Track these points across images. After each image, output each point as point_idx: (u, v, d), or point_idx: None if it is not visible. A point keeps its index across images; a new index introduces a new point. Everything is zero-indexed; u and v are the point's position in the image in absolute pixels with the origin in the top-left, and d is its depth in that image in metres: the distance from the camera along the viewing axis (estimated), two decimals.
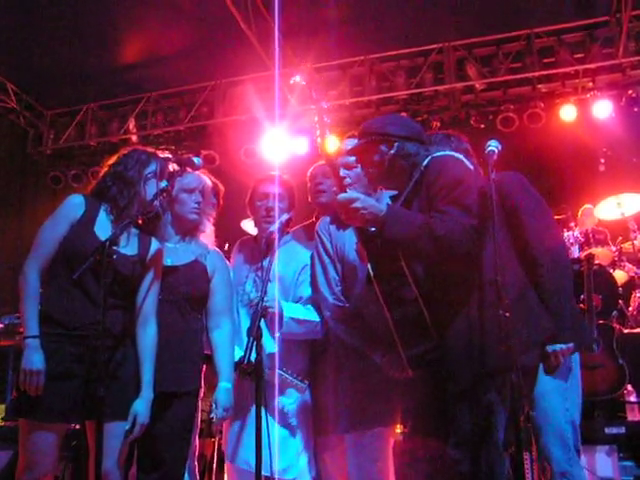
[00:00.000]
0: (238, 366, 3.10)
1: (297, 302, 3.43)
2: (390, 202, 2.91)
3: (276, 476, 3.17)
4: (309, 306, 3.40)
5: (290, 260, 3.48)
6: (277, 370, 3.26)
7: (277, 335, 3.27)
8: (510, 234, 2.83)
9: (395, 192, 2.93)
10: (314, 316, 3.36)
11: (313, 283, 3.41)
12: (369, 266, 2.73)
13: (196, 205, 3.24)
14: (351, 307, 3.24)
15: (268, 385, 3.16)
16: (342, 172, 3.25)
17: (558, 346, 2.71)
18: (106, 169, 3.03)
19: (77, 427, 3.12)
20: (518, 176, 3.00)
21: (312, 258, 3.44)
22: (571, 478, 2.74)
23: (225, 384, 3.08)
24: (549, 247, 2.80)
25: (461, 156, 2.82)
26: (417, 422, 2.81)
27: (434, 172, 2.67)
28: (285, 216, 3.41)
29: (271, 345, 3.30)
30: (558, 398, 2.79)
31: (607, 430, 4.31)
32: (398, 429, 3.68)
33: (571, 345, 2.72)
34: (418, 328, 2.59)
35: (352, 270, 3.25)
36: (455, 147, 3.05)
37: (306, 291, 3.43)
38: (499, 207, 2.85)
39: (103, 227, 2.84)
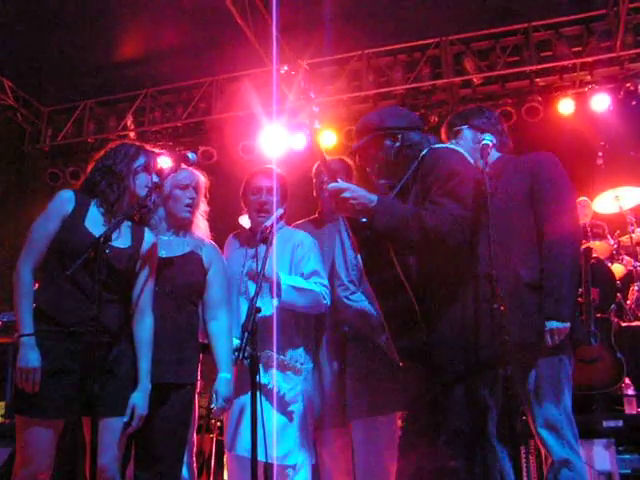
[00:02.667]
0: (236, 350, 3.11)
1: None
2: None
3: (276, 462, 3.17)
4: (310, 280, 3.42)
5: (285, 241, 3.50)
6: (275, 355, 3.26)
7: (275, 303, 3.27)
8: (532, 212, 2.86)
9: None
10: (314, 287, 3.37)
11: (332, 262, 3.46)
12: (359, 256, 2.74)
13: (190, 201, 3.25)
14: (364, 291, 3.26)
15: (265, 368, 3.17)
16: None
17: (554, 324, 2.72)
18: (94, 164, 3.03)
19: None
20: (552, 156, 3.03)
21: (334, 239, 3.51)
22: (570, 466, 2.74)
23: (224, 375, 3.09)
24: (562, 228, 2.82)
25: (460, 148, 2.82)
26: (412, 415, 2.82)
27: (430, 163, 2.68)
28: (280, 211, 3.42)
29: (269, 308, 3.29)
30: (550, 389, 2.80)
31: (605, 423, 4.30)
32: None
33: (567, 325, 2.73)
34: (408, 320, 2.59)
35: None
36: (489, 117, 3.15)
37: (306, 267, 3.45)
38: (527, 182, 2.88)
39: (94, 221, 2.84)
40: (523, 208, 2.90)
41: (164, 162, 3.06)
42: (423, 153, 2.76)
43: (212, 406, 3.10)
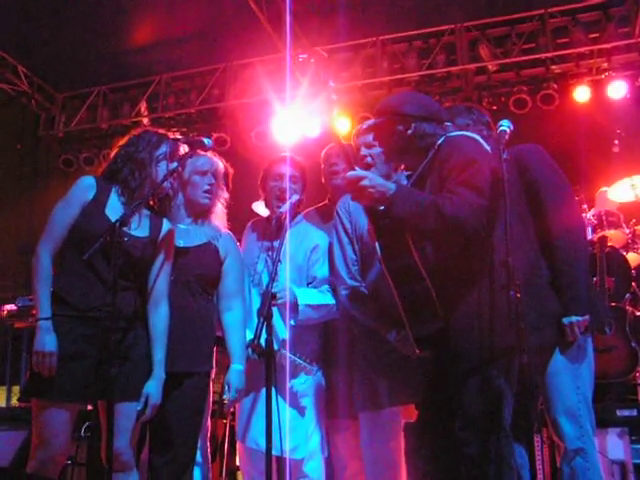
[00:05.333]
0: (248, 347, 3.13)
1: (311, 282, 3.45)
2: (406, 181, 2.90)
3: (286, 456, 3.20)
4: (323, 288, 3.41)
5: (301, 240, 3.49)
6: (287, 353, 3.27)
7: (292, 323, 3.28)
8: (528, 207, 2.84)
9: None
10: (329, 299, 3.38)
11: (330, 262, 3.44)
12: (377, 245, 2.74)
13: (208, 187, 3.25)
14: (366, 286, 3.26)
15: (279, 366, 3.19)
16: (363, 151, 3.25)
17: (574, 318, 2.72)
18: (117, 151, 3.03)
19: (90, 408, 3.18)
20: (538, 148, 3.01)
21: (331, 237, 3.47)
22: (584, 455, 2.73)
23: (237, 366, 3.10)
24: (567, 221, 2.82)
25: (477, 136, 2.80)
26: (426, 403, 2.83)
27: (447, 152, 2.67)
28: (296, 197, 3.43)
29: (283, 331, 3.31)
30: (569, 376, 2.79)
31: (619, 412, 4.29)
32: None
33: (587, 317, 2.73)
34: (426, 308, 2.59)
35: (370, 248, 3.25)
36: (476, 119, 3.07)
37: (319, 271, 3.44)
38: (518, 179, 2.86)
39: (114, 209, 2.85)
40: (519, 206, 2.87)
41: (183, 148, 3.06)
42: (439, 142, 2.75)
43: (224, 397, 3.12)
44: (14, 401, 6.28)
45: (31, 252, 2.80)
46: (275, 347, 2.96)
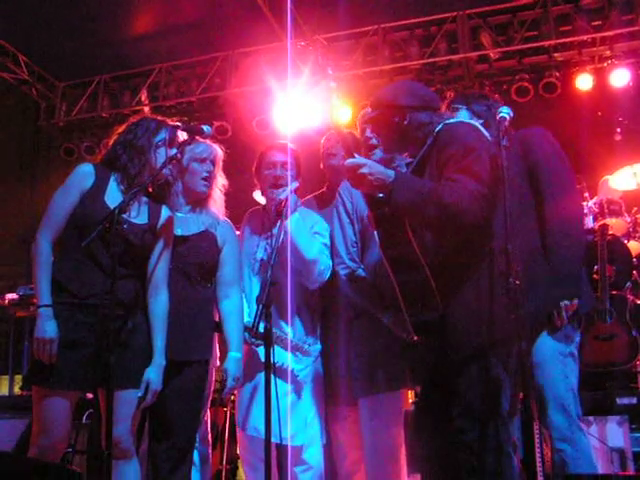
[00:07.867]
0: (246, 330, 3.14)
1: None
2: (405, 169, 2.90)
3: (285, 443, 3.21)
4: None
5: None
6: (286, 336, 3.27)
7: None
8: (531, 191, 2.83)
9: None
10: (323, 248, 3.39)
11: (330, 240, 3.47)
12: (376, 232, 2.74)
13: (207, 174, 3.25)
14: (365, 268, 3.26)
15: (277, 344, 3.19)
16: (368, 133, 3.26)
17: (562, 302, 2.72)
18: (115, 138, 3.02)
19: (90, 396, 3.19)
20: (544, 131, 3.01)
21: (329, 222, 3.50)
22: (572, 444, 2.75)
23: (235, 354, 3.10)
24: (564, 205, 2.82)
25: (476, 123, 2.80)
26: (425, 391, 2.83)
27: (445, 139, 2.65)
28: (295, 184, 3.43)
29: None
30: (557, 366, 2.80)
31: (619, 401, 4.30)
32: (410, 397, 3.70)
33: (576, 301, 2.73)
34: (424, 295, 2.59)
35: (370, 230, 3.26)
36: (491, 105, 3.09)
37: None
38: (520, 164, 2.86)
39: (113, 196, 2.84)
40: (521, 190, 2.87)
41: (182, 135, 3.05)
42: (438, 129, 2.74)
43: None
44: (16, 389, 6.31)
45: (32, 240, 2.80)
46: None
